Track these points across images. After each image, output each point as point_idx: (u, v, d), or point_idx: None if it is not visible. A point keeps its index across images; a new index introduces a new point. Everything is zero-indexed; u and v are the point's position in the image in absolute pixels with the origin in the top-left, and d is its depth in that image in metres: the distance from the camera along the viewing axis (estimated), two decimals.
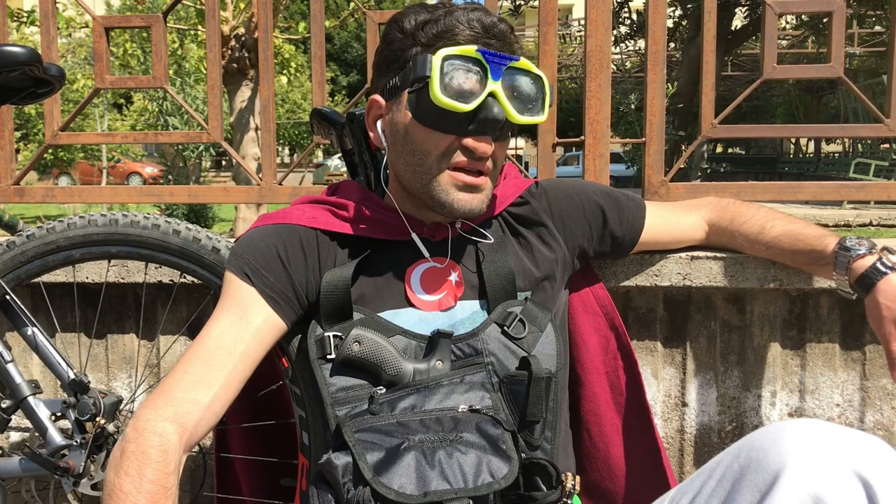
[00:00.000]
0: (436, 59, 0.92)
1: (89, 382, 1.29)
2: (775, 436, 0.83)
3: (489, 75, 0.94)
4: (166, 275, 1.49)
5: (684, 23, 12.73)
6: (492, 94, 0.94)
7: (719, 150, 24.23)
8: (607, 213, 1.19)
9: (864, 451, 0.79)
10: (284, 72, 10.95)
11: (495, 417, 0.94)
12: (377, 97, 1.03)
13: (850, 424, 1.44)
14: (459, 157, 0.98)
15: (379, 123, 1.03)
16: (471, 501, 0.86)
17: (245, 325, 1.00)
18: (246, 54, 7.86)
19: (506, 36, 0.98)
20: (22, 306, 1.33)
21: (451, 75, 0.93)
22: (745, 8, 11.99)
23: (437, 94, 0.92)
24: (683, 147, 11.21)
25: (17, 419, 1.35)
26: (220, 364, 0.98)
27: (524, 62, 0.97)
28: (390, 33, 1.01)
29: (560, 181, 1.23)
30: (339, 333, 0.99)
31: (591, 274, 1.27)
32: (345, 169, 1.23)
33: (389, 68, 1.01)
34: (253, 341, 1.00)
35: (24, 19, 7.17)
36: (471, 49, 0.93)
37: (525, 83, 0.98)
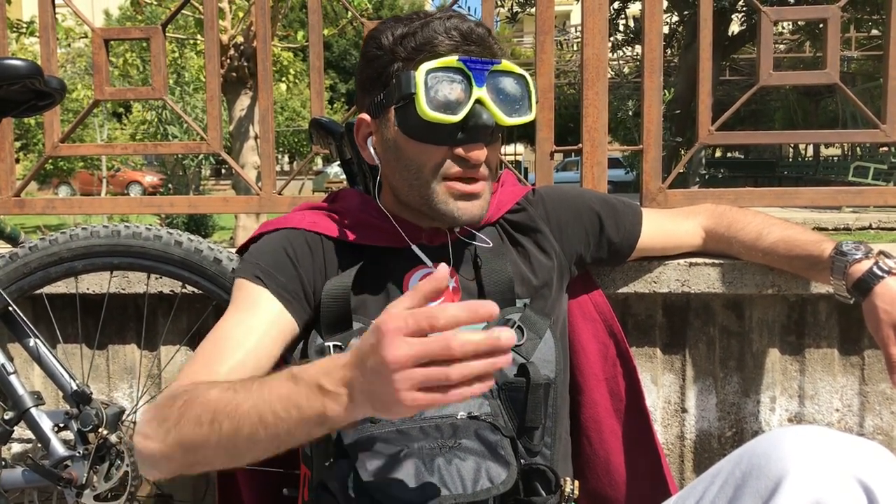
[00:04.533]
0: (419, 75, 0.92)
1: (91, 393, 1.29)
2: (777, 442, 0.83)
3: (473, 83, 0.94)
4: (167, 285, 1.49)
5: (681, 28, 12.77)
6: (479, 101, 0.94)
7: (718, 154, 24.28)
8: (604, 220, 1.20)
9: (866, 457, 0.79)
10: (283, 79, 10.97)
11: (494, 424, 0.94)
12: (364, 116, 1.03)
13: (850, 429, 1.45)
14: (454, 168, 0.98)
15: (370, 141, 1.03)
16: None
17: (257, 318, 0.98)
18: (245, 63, 7.88)
19: (485, 40, 0.98)
20: (24, 318, 1.34)
21: (435, 88, 0.93)
22: (742, 14, 12.02)
23: (425, 109, 0.92)
24: (682, 152, 11.22)
25: (20, 430, 1.35)
26: (230, 352, 0.95)
27: (506, 64, 0.97)
28: (369, 51, 1.01)
29: (557, 188, 1.24)
30: (340, 343, 0.99)
31: (590, 281, 1.28)
32: (344, 176, 1.23)
33: (373, 86, 1.00)
34: (267, 335, 0.98)
35: (24, 30, 7.20)
36: (452, 59, 0.93)
37: (509, 84, 0.98)
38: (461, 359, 0.64)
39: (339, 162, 1.23)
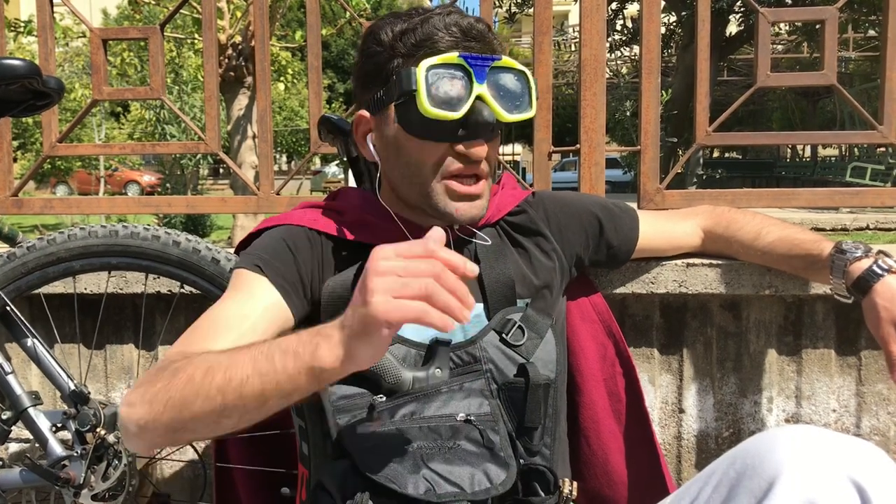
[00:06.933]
0: (420, 71, 0.92)
1: (89, 393, 1.29)
2: (771, 442, 0.83)
3: (474, 79, 0.94)
4: (165, 285, 1.49)
5: (679, 29, 12.78)
6: (479, 98, 0.94)
7: (716, 154, 24.29)
8: (604, 223, 1.20)
9: (859, 457, 0.79)
10: (281, 79, 10.95)
11: (492, 426, 0.94)
12: (363, 112, 1.03)
13: (847, 430, 1.45)
14: (455, 165, 0.98)
15: (369, 138, 1.03)
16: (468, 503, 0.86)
17: (253, 304, 0.97)
18: (243, 63, 7.87)
19: (485, 36, 0.97)
20: (22, 318, 1.34)
21: (436, 85, 0.93)
22: (740, 15, 12.04)
23: (426, 106, 0.92)
24: (679, 153, 11.23)
25: (18, 430, 1.35)
26: (222, 334, 0.92)
27: (507, 60, 0.97)
28: (368, 47, 1.00)
29: (556, 192, 1.24)
30: None
31: (588, 282, 1.28)
32: (342, 176, 1.23)
33: (373, 82, 1.00)
34: (260, 322, 0.96)
35: (21, 29, 7.18)
36: (453, 56, 0.93)
37: (510, 81, 0.98)
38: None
39: (337, 162, 1.23)
